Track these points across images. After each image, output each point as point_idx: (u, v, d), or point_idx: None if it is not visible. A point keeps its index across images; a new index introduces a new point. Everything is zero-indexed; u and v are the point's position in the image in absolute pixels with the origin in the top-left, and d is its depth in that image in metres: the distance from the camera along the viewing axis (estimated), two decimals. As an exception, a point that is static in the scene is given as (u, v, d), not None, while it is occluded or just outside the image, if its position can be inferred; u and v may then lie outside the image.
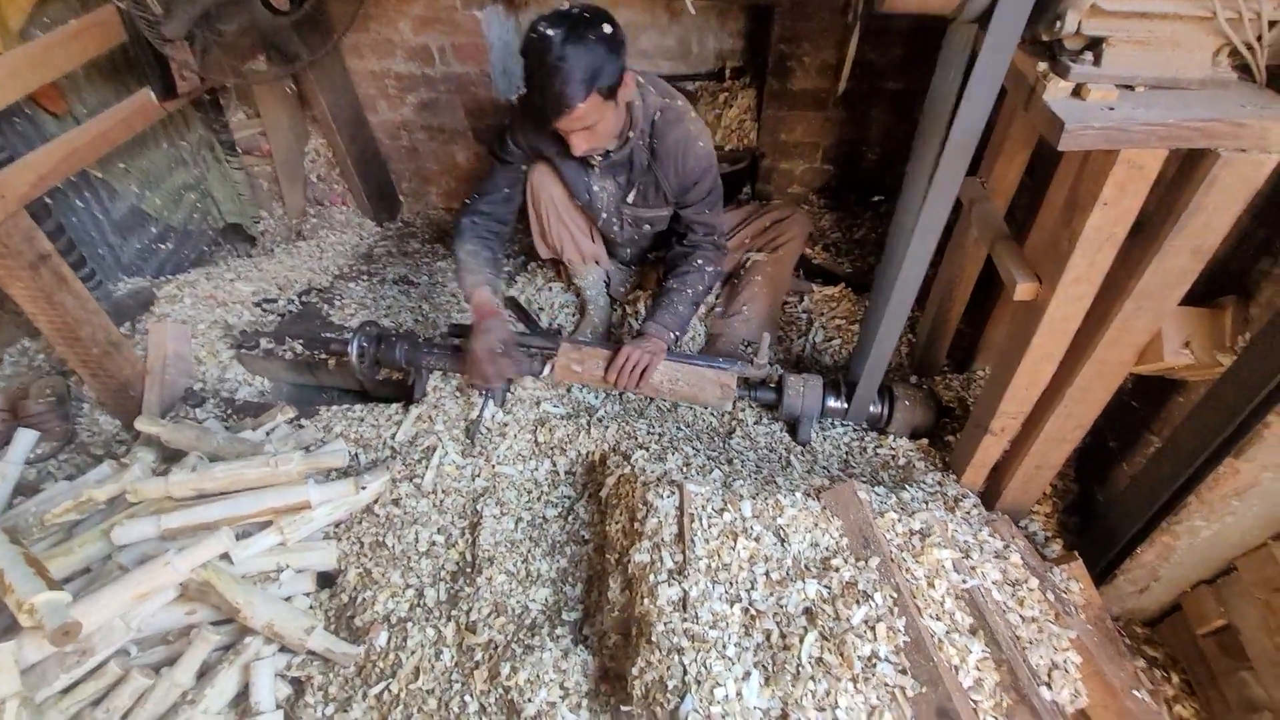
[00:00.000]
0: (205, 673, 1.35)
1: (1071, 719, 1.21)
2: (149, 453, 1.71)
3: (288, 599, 1.48)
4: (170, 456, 1.77)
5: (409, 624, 1.43)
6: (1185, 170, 1.02)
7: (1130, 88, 1.00)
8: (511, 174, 1.89)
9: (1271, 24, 0.92)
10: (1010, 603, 1.29)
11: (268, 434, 1.80)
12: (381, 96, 2.87)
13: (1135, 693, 1.21)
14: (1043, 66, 1.04)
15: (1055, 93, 1.01)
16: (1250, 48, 0.95)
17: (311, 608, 1.51)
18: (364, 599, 1.49)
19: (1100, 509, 1.56)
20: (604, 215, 1.97)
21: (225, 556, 1.42)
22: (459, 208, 1.97)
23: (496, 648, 1.37)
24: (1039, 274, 1.21)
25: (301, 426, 1.88)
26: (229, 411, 1.97)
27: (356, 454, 1.80)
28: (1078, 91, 1.00)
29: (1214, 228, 1.02)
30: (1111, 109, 0.97)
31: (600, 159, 1.77)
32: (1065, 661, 1.24)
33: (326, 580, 1.56)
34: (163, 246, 2.57)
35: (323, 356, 2.12)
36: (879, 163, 2.71)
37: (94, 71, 2.18)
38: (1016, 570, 1.34)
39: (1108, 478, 1.56)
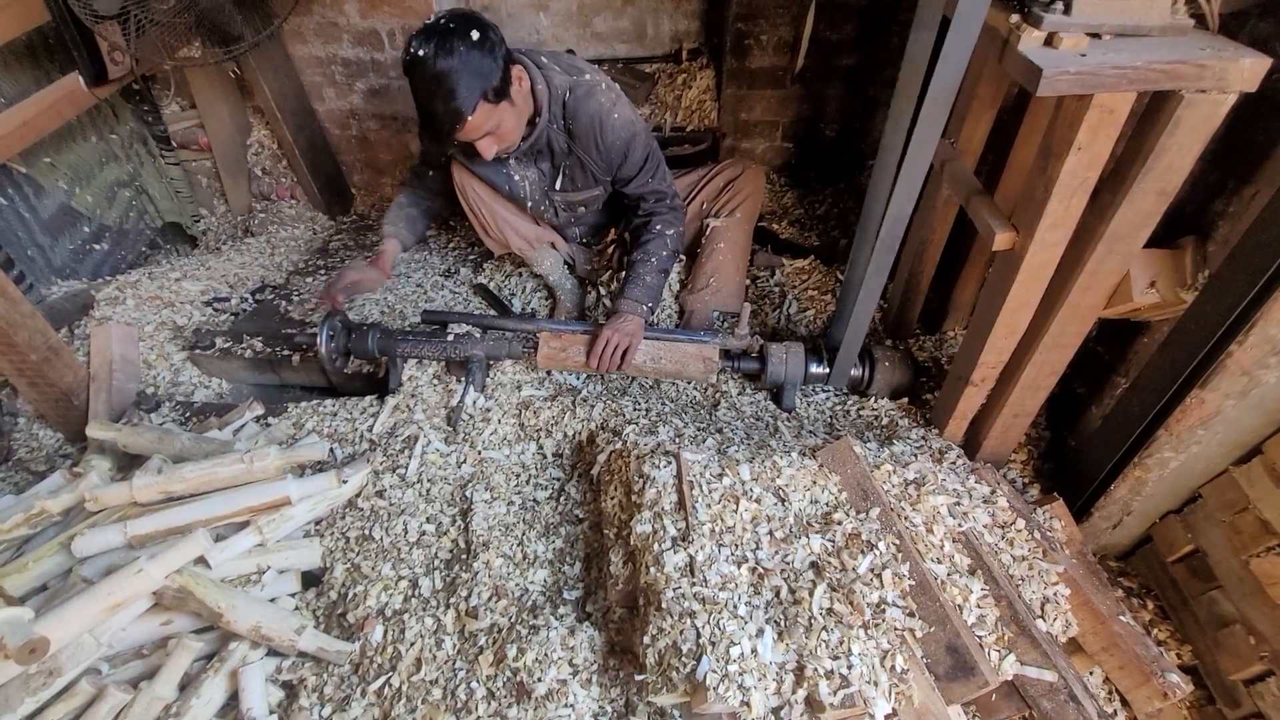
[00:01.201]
0: (188, 684, 1.27)
1: (1065, 646, 1.27)
2: (104, 460, 1.59)
3: (272, 601, 1.41)
4: (126, 465, 1.65)
5: (405, 615, 1.38)
6: (1150, 114, 1.07)
7: (1098, 36, 1.04)
8: (436, 150, 1.91)
9: (1225, -30, 0.98)
10: (1001, 544, 1.34)
11: (235, 433, 1.71)
12: (328, 84, 2.76)
13: (1121, 618, 1.27)
14: (1015, 18, 1.08)
15: (1029, 42, 1.05)
16: (1205, -5, 1.00)
17: (298, 608, 1.44)
18: (355, 594, 1.42)
19: (1072, 453, 1.64)
20: (530, 204, 1.94)
21: (202, 561, 1.34)
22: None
23: (500, 631, 1.33)
24: (1015, 224, 1.26)
25: (269, 424, 1.79)
26: (187, 414, 1.86)
27: (332, 449, 1.72)
28: (1050, 41, 1.05)
29: (1178, 168, 1.08)
30: (1083, 55, 1.01)
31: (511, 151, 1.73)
32: (1056, 594, 1.29)
33: (311, 579, 1.49)
34: (98, 247, 2.39)
35: (286, 352, 2.03)
36: (837, 139, 2.77)
37: (9, 57, 2.01)
38: (1004, 513, 1.39)
39: (1078, 423, 1.64)
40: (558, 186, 1.88)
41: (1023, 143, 1.45)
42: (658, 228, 1.85)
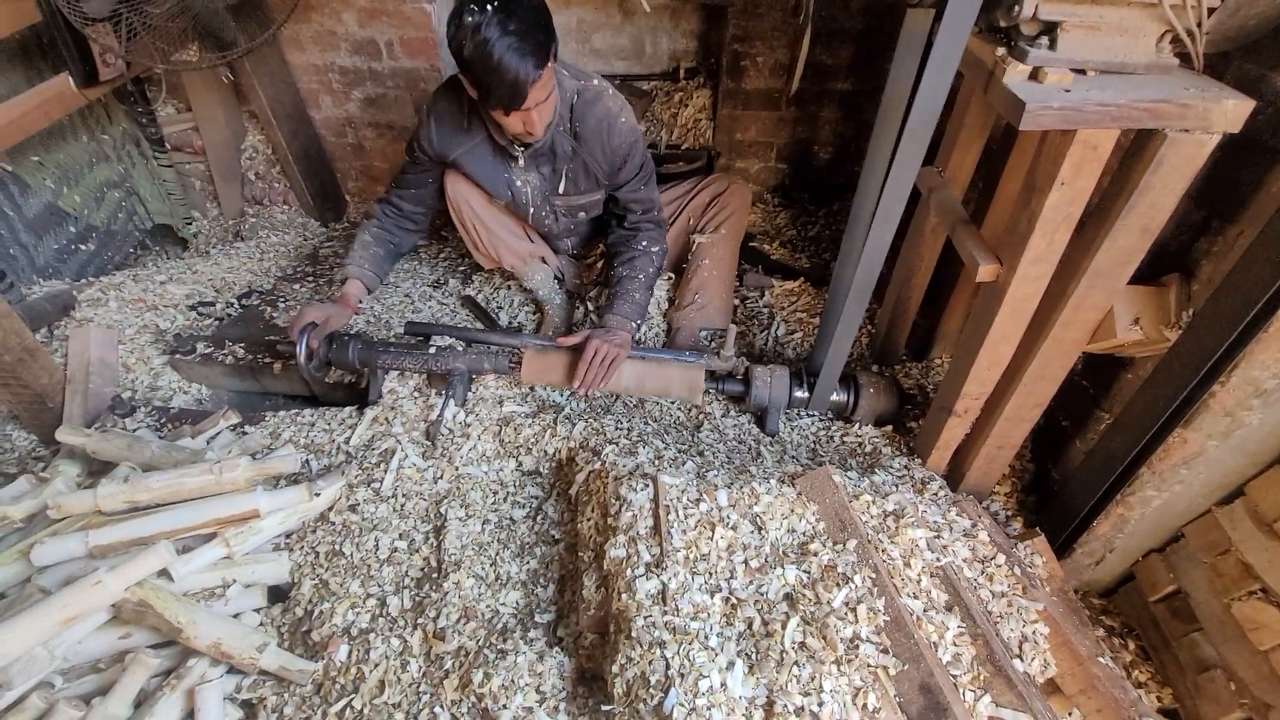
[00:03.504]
0: (144, 701, 1.24)
1: (1043, 688, 1.24)
2: (73, 466, 1.56)
3: (236, 616, 1.37)
4: (97, 471, 1.62)
5: (371, 635, 1.35)
6: (1134, 152, 1.07)
7: (1083, 72, 1.04)
8: (421, 175, 1.84)
9: (1210, 11, 0.98)
10: (980, 579, 1.32)
11: (209, 442, 1.68)
12: (325, 91, 2.76)
13: (1100, 659, 1.25)
14: (1001, 51, 1.08)
15: (1014, 76, 1.05)
16: (1190, 34, 1.00)
17: (262, 624, 1.41)
18: (321, 612, 1.39)
19: (1056, 485, 1.62)
20: (531, 210, 1.91)
21: (164, 574, 1.31)
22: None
23: (467, 654, 1.30)
24: (999, 256, 1.25)
25: (245, 433, 1.76)
26: (163, 421, 1.83)
27: (308, 460, 1.70)
28: (1035, 75, 1.04)
29: (1161, 206, 1.07)
30: (1067, 91, 1.01)
31: (522, 150, 1.72)
32: (1034, 633, 1.27)
33: (278, 594, 1.46)
34: (83, 247, 2.38)
35: (267, 360, 2.00)
36: (831, 162, 2.77)
37: (0, 56, 2.00)
38: (984, 548, 1.37)
39: (1061, 456, 1.62)
40: (560, 190, 1.86)
41: (1010, 174, 1.45)
42: (643, 244, 1.84)
